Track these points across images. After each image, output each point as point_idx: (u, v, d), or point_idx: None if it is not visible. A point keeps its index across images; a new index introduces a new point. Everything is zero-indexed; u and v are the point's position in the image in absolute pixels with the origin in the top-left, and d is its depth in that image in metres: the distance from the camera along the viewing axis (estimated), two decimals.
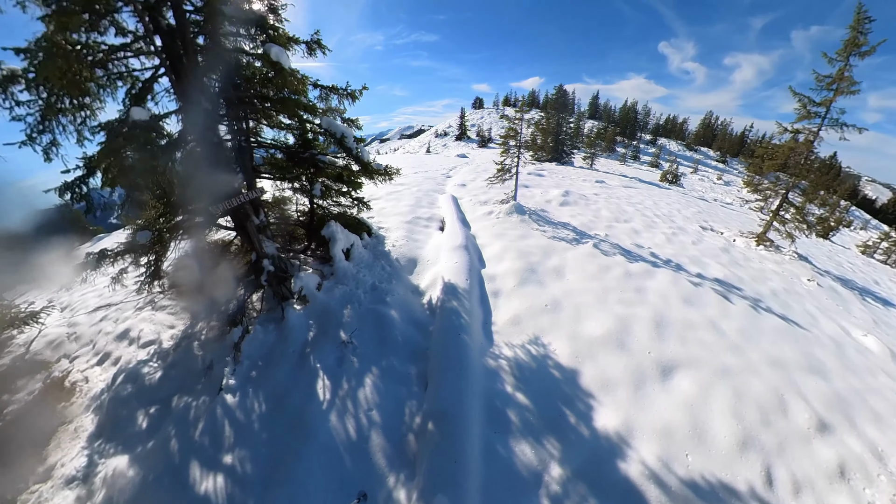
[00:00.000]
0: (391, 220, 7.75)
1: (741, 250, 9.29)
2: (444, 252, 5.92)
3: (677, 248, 7.79)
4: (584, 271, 5.81)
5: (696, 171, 41.77)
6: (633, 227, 8.68)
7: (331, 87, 5.51)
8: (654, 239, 8.16)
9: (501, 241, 6.69)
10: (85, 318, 6.58)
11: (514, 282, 5.29)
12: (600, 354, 4.17)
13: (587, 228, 7.96)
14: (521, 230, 7.27)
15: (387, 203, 9.17)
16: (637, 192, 14.73)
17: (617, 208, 10.31)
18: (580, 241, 7.00)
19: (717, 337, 4.76)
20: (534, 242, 6.65)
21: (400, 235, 6.77)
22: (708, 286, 6.14)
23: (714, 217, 13.16)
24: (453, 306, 4.48)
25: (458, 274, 5.14)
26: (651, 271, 6.20)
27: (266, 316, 4.99)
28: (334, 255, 5.31)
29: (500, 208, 8.39)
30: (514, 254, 6.08)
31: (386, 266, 5.67)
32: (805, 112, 8.99)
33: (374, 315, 4.64)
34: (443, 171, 16.15)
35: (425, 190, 10.99)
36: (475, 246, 6.46)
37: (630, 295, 5.31)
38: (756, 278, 7.25)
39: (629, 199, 12.53)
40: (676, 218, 11.15)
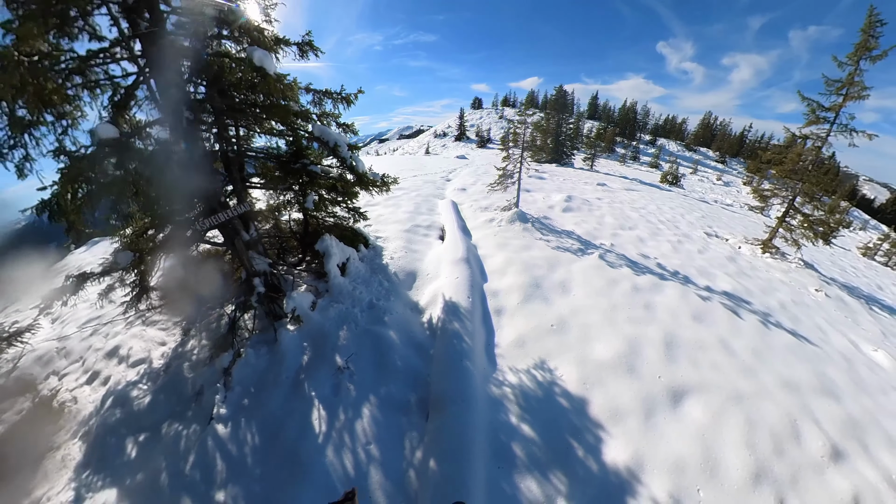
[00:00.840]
0: (389, 228, 7.51)
1: (747, 258, 9.14)
2: (444, 265, 5.69)
3: (684, 258, 7.61)
4: (590, 286, 5.60)
5: (695, 172, 41.72)
6: (639, 235, 8.48)
7: (324, 91, 5.24)
8: (660, 248, 7.97)
9: (504, 251, 6.47)
10: (76, 332, 6.34)
11: (519, 298, 5.07)
12: (609, 380, 3.97)
13: (592, 237, 7.75)
14: (525, 240, 7.05)
15: (385, 210, 8.92)
16: (640, 196, 14.53)
17: (621, 214, 10.10)
18: (585, 252, 6.78)
19: (729, 358, 4.60)
20: (538, 253, 6.43)
21: (398, 246, 6.53)
22: (717, 300, 5.97)
23: (718, 222, 12.99)
24: (454, 328, 4.25)
25: (459, 290, 4.91)
26: (659, 285, 6.01)
27: (258, 337, 4.76)
28: (329, 272, 5.06)
29: (502, 216, 8.15)
30: (517, 266, 5.86)
31: (384, 281, 5.43)
32: (814, 117, 8.80)
33: (372, 337, 4.41)
34: (442, 174, 15.90)
35: (424, 195, 10.75)
36: (476, 257, 6.23)
37: (639, 312, 5.12)
38: (764, 290, 7.11)
39: (632, 203, 12.34)
40: (681, 223, 10.97)
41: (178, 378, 4.64)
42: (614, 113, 60.23)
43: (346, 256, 5.40)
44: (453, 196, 11.09)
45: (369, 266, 5.75)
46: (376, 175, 5.07)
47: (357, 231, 6.07)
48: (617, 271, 6.19)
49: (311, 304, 4.79)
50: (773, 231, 10.20)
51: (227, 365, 4.38)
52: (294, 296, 4.52)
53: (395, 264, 5.89)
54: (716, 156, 54.71)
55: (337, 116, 5.84)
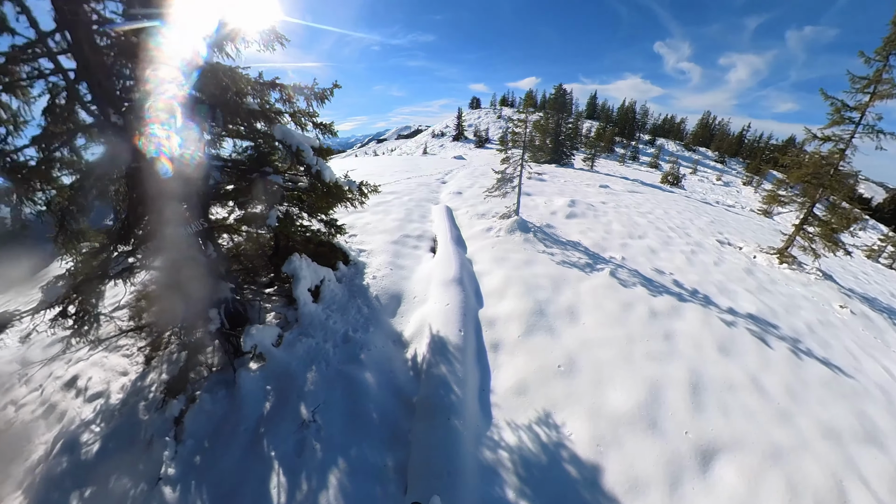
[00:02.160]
0: (376, 239, 6.76)
1: (764, 269, 8.50)
2: (434, 286, 4.95)
3: (700, 273, 6.92)
4: (602, 311, 4.88)
5: (695, 172, 41.24)
6: (650, 245, 7.78)
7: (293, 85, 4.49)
8: (674, 260, 7.28)
9: (503, 267, 5.73)
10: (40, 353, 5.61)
11: (520, 329, 4.35)
12: (628, 439, 3.27)
13: (600, 249, 7.03)
14: (526, 253, 6.32)
15: (373, 217, 8.16)
16: (644, 199, 13.86)
17: (628, 221, 9.40)
18: (594, 267, 6.07)
19: (762, 400, 3.98)
20: (541, 270, 5.70)
21: (383, 262, 5.78)
22: (742, 325, 5.31)
23: (727, 227, 12.35)
24: (441, 373, 3.52)
25: (449, 321, 4.17)
26: (678, 307, 5.32)
27: (218, 377, 4.02)
28: (298, 298, 4.31)
29: (501, 224, 7.42)
30: (518, 287, 5.13)
31: (363, 307, 4.69)
32: (838, 117, 8.13)
33: (345, 380, 3.67)
34: (438, 176, 15.13)
35: (417, 199, 9.99)
36: (472, 275, 5.49)
37: (659, 345, 4.41)
38: (788, 308, 6.49)
39: (638, 207, 11.65)
40: (690, 230, 10.30)
41: (132, 421, 3.95)
42: (613, 113, 59.68)
43: (319, 278, 4.65)
44: (448, 200, 10.34)
45: (348, 288, 5.00)
46: (352, 183, 4.32)
47: (335, 246, 5.32)
48: (631, 291, 5.48)
49: (276, 339, 4.04)
50: (790, 240, 9.56)
51: (178, 414, 3.67)
52: (253, 332, 3.76)
53: (378, 285, 5.14)
54: (715, 156, 54.32)
55: (313, 116, 5.09)
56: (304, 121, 4.98)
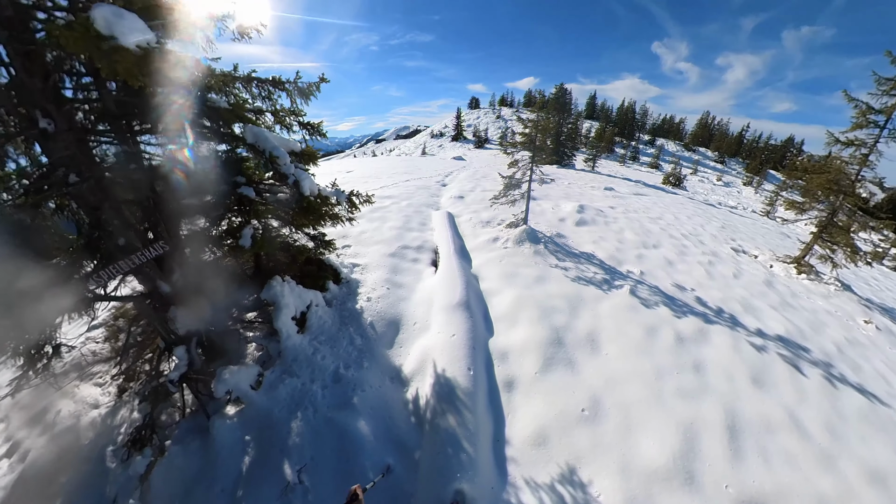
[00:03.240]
0: (371, 251, 6.19)
1: (783, 281, 8.07)
2: (437, 311, 4.39)
3: (722, 287, 6.45)
4: (625, 337, 4.36)
5: (695, 173, 41.01)
6: (666, 256, 7.29)
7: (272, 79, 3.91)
8: (692, 273, 6.80)
9: (513, 286, 5.19)
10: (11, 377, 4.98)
11: (536, 364, 3.81)
12: (663, 498, 2.77)
13: (616, 262, 6.51)
14: (538, 268, 5.78)
15: (369, 225, 7.59)
16: (652, 203, 13.40)
17: (640, 228, 8.90)
18: (612, 284, 5.55)
19: (802, 441, 3.61)
20: (556, 288, 5.16)
21: (379, 279, 5.22)
22: (773, 350, 4.87)
23: (737, 232, 11.91)
24: (448, 425, 2.98)
25: (456, 356, 3.63)
26: (705, 331, 4.83)
27: (191, 423, 3.45)
28: (280, 330, 3.74)
29: (509, 234, 6.88)
30: (531, 310, 4.60)
31: (356, 336, 4.12)
32: (863, 120, 7.68)
33: (336, 430, 3.12)
34: (438, 179, 14.56)
35: (417, 205, 9.42)
36: (479, 295, 4.95)
37: (689, 379, 3.92)
38: (814, 326, 6.09)
39: (647, 211, 11.17)
40: (704, 237, 9.84)
41: (100, 469, 3.38)
42: (612, 113, 59.40)
43: (305, 304, 4.08)
44: (450, 205, 9.79)
45: (338, 313, 4.43)
46: (339, 194, 3.76)
47: (324, 263, 4.75)
48: (653, 312, 4.97)
49: (255, 380, 3.48)
50: (807, 248, 9.13)
51: (144, 471, 3.11)
52: (226, 377, 3.20)
53: (374, 308, 4.57)
54: (714, 156, 54.20)
55: (299, 114, 4.51)
56: (289, 121, 4.43)
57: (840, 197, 8.39)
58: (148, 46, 2.12)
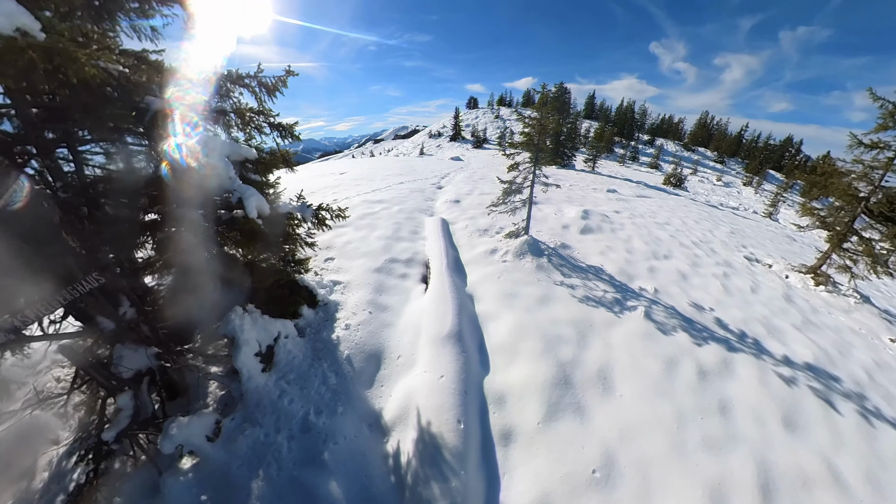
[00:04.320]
0: (355, 265, 5.53)
1: (802, 294, 7.53)
2: (425, 343, 3.75)
3: (741, 304, 5.88)
4: (642, 373, 3.75)
5: (695, 173, 40.69)
6: (679, 269, 6.69)
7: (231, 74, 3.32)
8: (708, 288, 6.21)
9: (513, 308, 4.56)
10: None
11: (538, 410, 3.17)
12: None
13: (627, 277, 5.89)
14: (541, 285, 5.14)
15: (356, 233, 6.93)
16: (657, 206, 12.82)
17: (649, 235, 8.30)
18: (625, 305, 4.93)
19: (843, 499, 3.08)
20: (561, 312, 4.54)
21: (362, 300, 4.56)
22: (803, 382, 4.32)
23: (746, 238, 11.36)
24: (432, 495, 2.34)
25: (444, 406, 2.99)
26: (729, 361, 4.24)
27: (141, 476, 2.81)
28: (241, 371, 3.09)
29: (508, 245, 6.24)
30: (534, 339, 3.96)
31: (330, 374, 3.47)
32: (892, 121, 7.12)
33: (302, 493, 2.49)
34: (433, 181, 13.91)
35: (409, 209, 8.77)
36: (473, 321, 4.31)
37: (715, 424, 3.33)
38: (841, 348, 5.58)
39: (654, 217, 10.59)
40: (714, 244, 9.28)
41: None
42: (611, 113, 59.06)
43: (272, 337, 3.43)
44: (444, 211, 9.15)
45: (312, 345, 3.77)
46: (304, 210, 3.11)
47: (297, 286, 4.09)
48: (672, 340, 4.36)
49: (212, 429, 2.83)
50: (825, 257, 8.58)
51: None
52: (173, 432, 2.55)
53: (352, 338, 3.92)
54: (714, 156, 54.00)
55: (268, 114, 3.88)
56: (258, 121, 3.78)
57: (861, 203, 7.84)
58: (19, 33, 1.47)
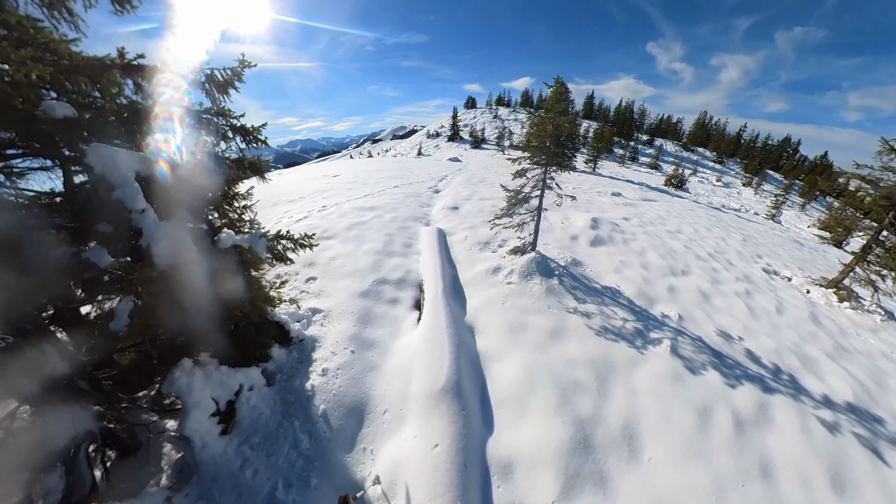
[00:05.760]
0: (339, 288, 4.85)
1: (826, 312, 7.00)
2: (416, 397, 3.08)
3: (769, 330, 5.32)
4: (673, 429, 3.13)
5: (695, 173, 40.31)
6: (699, 287, 6.09)
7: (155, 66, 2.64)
8: (733, 310, 5.62)
9: (521, 345, 3.90)
10: None
11: (554, 485, 2.53)
12: None
13: (647, 300, 5.25)
14: (552, 315, 4.47)
15: (343, 247, 6.27)
16: (664, 211, 12.24)
17: (663, 247, 7.69)
18: (647, 338, 4.30)
19: None
20: (577, 349, 3.89)
21: (344, 334, 3.90)
22: (846, 428, 3.86)
23: (759, 246, 10.82)
24: None
25: (439, 486, 2.34)
26: (765, 405, 3.69)
27: None
28: (192, 438, 2.44)
29: (513, 263, 5.58)
30: (546, 389, 3.32)
31: (303, 436, 2.82)
32: None
33: None
34: (430, 184, 13.23)
35: (403, 218, 8.10)
36: (473, 363, 3.64)
37: (758, 493, 2.88)
38: (876, 377, 5.16)
39: (664, 223, 10.00)
40: (729, 254, 8.71)
41: None
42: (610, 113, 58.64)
43: (233, 391, 2.77)
44: (442, 219, 8.49)
45: (282, 397, 3.10)
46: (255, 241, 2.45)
47: (266, 322, 3.42)
48: (702, 382, 3.75)
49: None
50: (847, 271, 8.04)
51: None
52: None
53: (331, 387, 3.26)
54: (713, 156, 53.75)
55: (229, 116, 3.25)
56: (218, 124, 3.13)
57: (889, 213, 7.30)
58: None
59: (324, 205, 9.73)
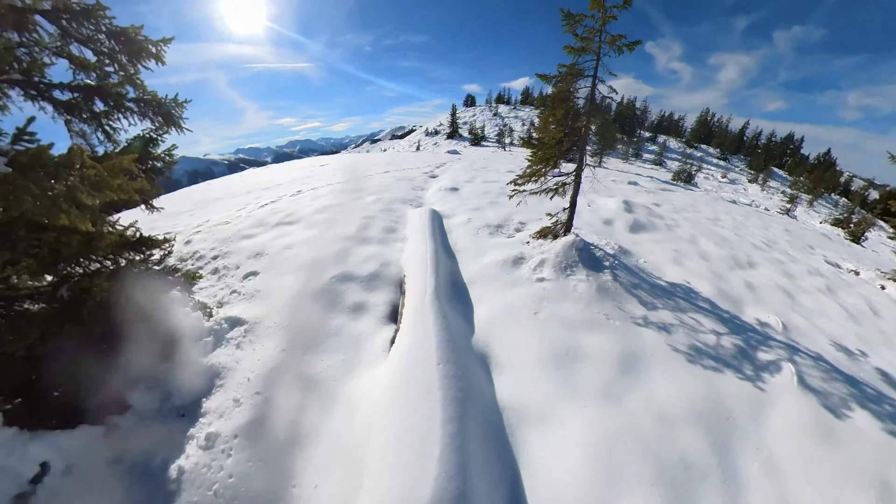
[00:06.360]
0: (280, 285, 3.23)
1: None
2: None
3: (883, 340, 3.84)
4: None
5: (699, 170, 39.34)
6: (777, 282, 4.57)
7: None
8: (827, 311, 4.18)
9: (576, 392, 2.18)
10: None
11: None
12: None
13: (731, 301, 3.59)
14: (615, 331, 2.75)
15: (304, 233, 4.68)
16: (692, 200, 10.80)
17: (712, 234, 6.17)
18: (756, 361, 2.73)
19: None
20: (667, 392, 2.22)
21: (264, 365, 2.22)
22: None
23: (803, 237, 9.39)
24: None
25: None
26: None
27: None
28: None
29: (543, 250, 3.91)
30: (638, 486, 1.74)
31: None
32: None
33: None
34: (426, 170, 11.62)
35: (389, 200, 6.48)
36: (495, 431, 1.94)
37: None
38: None
39: (696, 209, 8.51)
40: (782, 244, 7.30)
41: None
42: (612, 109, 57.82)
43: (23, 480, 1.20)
44: (438, 201, 6.84)
45: (124, 488, 1.49)
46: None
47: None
48: (854, 431, 2.21)
49: None
50: None
51: None
52: None
53: (213, 478, 1.63)
54: (717, 153, 53.12)
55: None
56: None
57: None
58: None
59: (299, 189, 8.16)
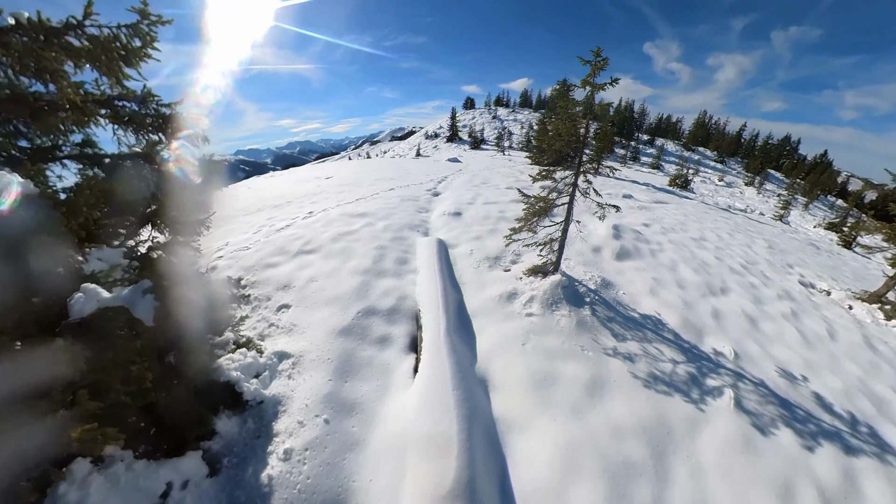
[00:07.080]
0: (315, 321, 3.88)
1: (876, 332, 6.24)
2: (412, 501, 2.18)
3: (831, 365, 4.50)
4: None
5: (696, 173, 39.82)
6: (743, 309, 5.22)
7: None
8: (785, 338, 4.79)
9: (551, 409, 2.92)
10: None
11: None
12: None
13: (694, 332, 4.29)
14: (588, 360, 3.50)
15: (325, 264, 5.33)
16: (682, 214, 11.41)
17: (693, 259, 6.81)
18: (703, 386, 3.39)
19: None
20: (624, 411, 2.94)
21: (316, 394, 2.94)
22: None
23: (785, 252, 10.01)
24: None
25: None
26: (851, 473, 2.91)
27: None
28: None
29: (533, 287, 4.63)
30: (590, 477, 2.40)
31: None
32: None
33: None
34: (429, 185, 12.29)
35: (397, 226, 7.17)
36: (491, 436, 2.69)
37: None
38: None
39: (685, 229, 9.13)
40: (761, 264, 7.90)
41: None
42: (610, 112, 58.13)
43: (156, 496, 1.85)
44: (442, 227, 7.57)
45: (228, 495, 2.14)
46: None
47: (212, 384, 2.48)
48: (775, 446, 2.86)
49: None
50: (890, 284, 7.24)
51: None
52: None
53: (295, 480, 2.32)
54: (714, 156, 53.44)
55: None
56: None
57: None
58: None
59: (310, 210, 8.79)
